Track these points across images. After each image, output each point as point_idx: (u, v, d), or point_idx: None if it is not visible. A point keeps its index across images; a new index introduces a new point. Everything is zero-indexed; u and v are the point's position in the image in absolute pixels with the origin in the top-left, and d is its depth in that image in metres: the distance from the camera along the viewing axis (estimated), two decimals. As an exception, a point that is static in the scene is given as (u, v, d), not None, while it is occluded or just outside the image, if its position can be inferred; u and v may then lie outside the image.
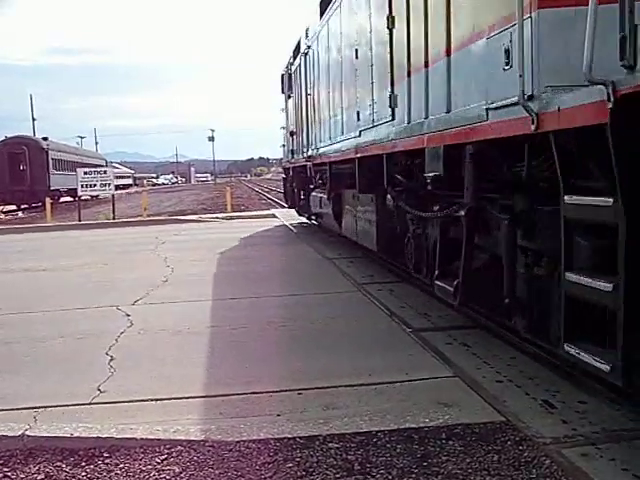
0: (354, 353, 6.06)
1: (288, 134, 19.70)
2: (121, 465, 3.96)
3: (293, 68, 18.18)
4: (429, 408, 4.62)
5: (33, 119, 72.43)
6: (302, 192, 18.51)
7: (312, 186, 15.94)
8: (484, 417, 4.45)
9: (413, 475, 3.72)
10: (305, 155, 15.64)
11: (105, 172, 28.25)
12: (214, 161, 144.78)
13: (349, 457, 3.97)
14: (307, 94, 15.29)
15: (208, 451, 4.10)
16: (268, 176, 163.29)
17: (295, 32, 18.51)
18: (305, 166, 16.28)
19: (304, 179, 17.42)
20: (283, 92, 20.50)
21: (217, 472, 3.83)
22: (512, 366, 5.50)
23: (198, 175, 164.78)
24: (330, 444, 4.15)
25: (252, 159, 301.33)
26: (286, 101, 20.28)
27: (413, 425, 4.37)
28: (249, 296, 8.97)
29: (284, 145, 21.74)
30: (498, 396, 4.81)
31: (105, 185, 26.79)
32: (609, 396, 4.63)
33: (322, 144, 13.36)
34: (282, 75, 20.55)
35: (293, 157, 18.66)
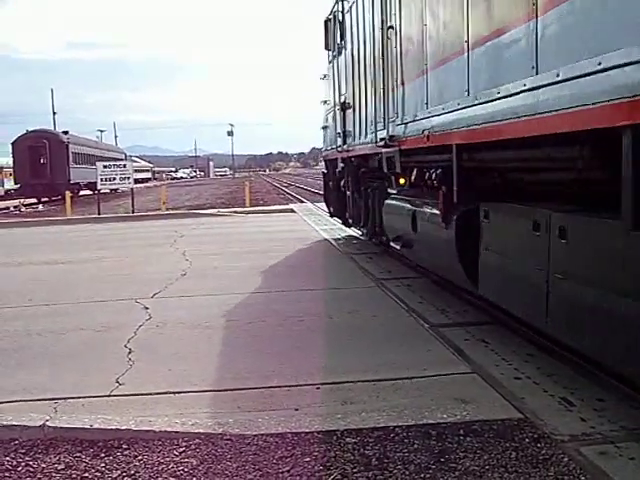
0: (372, 348, 6.07)
1: (336, 109, 13.57)
2: (140, 457, 3.99)
3: (347, 4, 11.96)
4: (447, 404, 4.61)
5: (54, 113, 73.01)
6: (358, 195, 12.72)
7: (390, 189, 9.67)
8: (502, 414, 4.43)
9: (430, 471, 3.71)
10: (381, 136, 9.17)
11: (124, 166, 28.37)
12: (233, 155, 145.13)
13: (367, 452, 3.97)
14: (388, 29, 8.80)
15: (226, 444, 4.12)
16: (287, 171, 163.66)
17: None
18: (374, 155, 10.51)
19: (368, 176, 11.81)
20: (327, 47, 14.37)
21: (235, 465, 3.85)
22: (530, 363, 5.47)
23: (217, 169, 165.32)
24: (348, 439, 4.15)
25: (271, 154, 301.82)
26: (333, 61, 14.05)
27: (431, 421, 4.36)
28: (268, 290, 8.99)
29: (325, 127, 15.94)
30: (516, 393, 4.79)
31: (124, 179, 26.91)
32: (628, 394, 4.59)
33: (431, 112, 7.13)
34: (326, 22, 13.98)
35: (346, 143, 12.58)
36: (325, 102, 15.61)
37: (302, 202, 32.19)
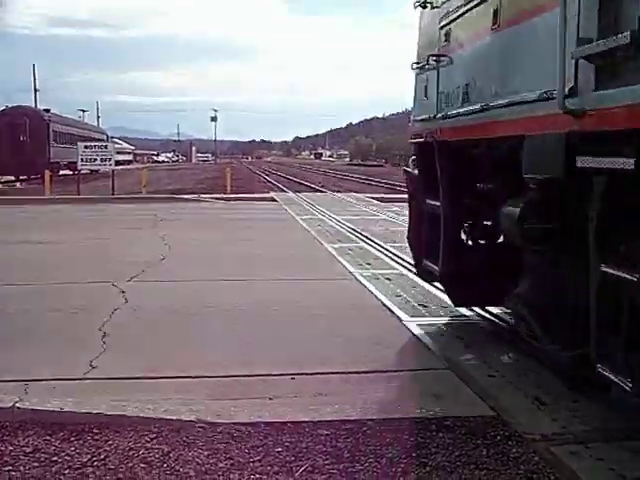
0: (349, 341, 6.06)
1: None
2: (110, 442, 3.95)
3: None
4: (420, 399, 4.62)
5: (35, 90, 72.16)
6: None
7: None
8: (475, 411, 4.44)
9: (401, 465, 3.71)
10: None
11: (106, 147, 28.19)
12: (215, 141, 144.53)
13: (338, 444, 3.97)
14: None
15: (198, 432, 4.10)
16: (269, 159, 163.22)
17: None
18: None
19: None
20: None
21: (206, 453, 3.83)
22: (505, 361, 5.50)
23: (199, 155, 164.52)
24: (320, 430, 4.14)
25: (254, 141, 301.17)
26: None
27: (403, 415, 4.37)
28: (246, 278, 8.95)
29: (422, 88, 6.74)
30: (490, 391, 4.81)
31: (105, 160, 26.73)
32: (601, 395, 4.62)
33: None
34: None
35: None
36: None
37: (283, 191, 32.13)
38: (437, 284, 7.18)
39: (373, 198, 25.85)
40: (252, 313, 7.04)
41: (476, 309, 6.86)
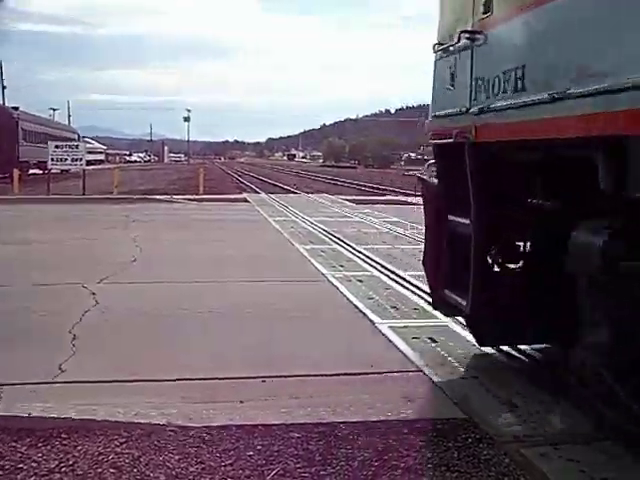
0: (321, 343, 6.05)
1: None
2: (79, 447, 3.90)
3: None
4: (392, 402, 4.62)
5: (3, 87, 71.04)
6: None
7: None
8: (446, 413, 4.46)
9: (373, 468, 3.71)
10: None
11: (77, 147, 27.95)
12: (188, 141, 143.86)
13: (310, 447, 3.96)
14: None
15: (169, 436, 4.06)
16: (242, 160, 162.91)
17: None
18: None
19: None
20: None
21: (177, 457, 3.79)
22: (477, 364, 5.52)
23: (172, 155, 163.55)
24: (292, 433, 4.13)
25: (227, 141, 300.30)
26: None
27: (375, 418, 4.37)
28: (218, 280, 8.91)
29: (446, 75, 5.29)
30: (461, 393, 4.82)
31: (76, 160, 26.50)
32: (571, 398, 4.66)
33: None
34: None
35: None
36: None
37: (256, 192, 32.06)
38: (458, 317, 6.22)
39: (346, 200, 25.89)
40: (223, 315, 7.01)
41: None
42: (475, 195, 4.75)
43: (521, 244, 5.08)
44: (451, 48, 5.15)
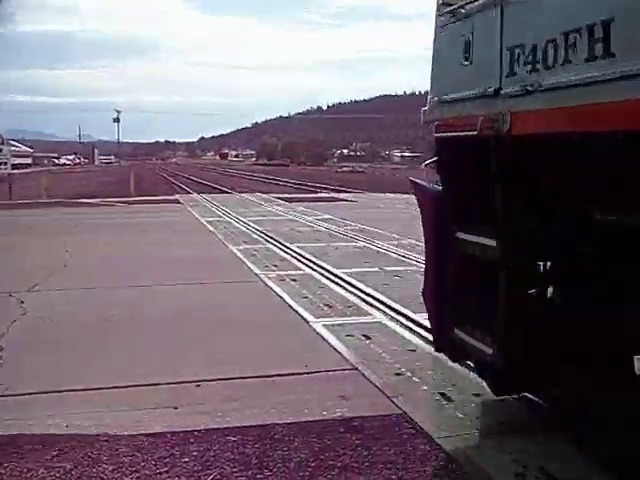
0: (255, 344, 6.03)
1: None
2: (6, 464, 3.77)
3: None
4: (328, 401, 4.63)
5: None
6: None
7: None
8: (382, 410, 4.49)
9: (310, 469, 3.72)
10: None
11: (1, 150, 27.19)
12: (119, 142, 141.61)
13: (246, 451, 3.94)
14: None
15: (102, 446, 3.99)
16: (174, 160, 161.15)
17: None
18: None
19: None
20: None
21: (111, 468, 3.73)
22: (411, 358, 5.57)
23: (102, 157, 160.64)
24: (228, 437, 4.11)
25: (158, 142, 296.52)
26: None
27: (311, 418, 4.37)
28: (150, 283, 8.80)
29: (458, 45, 3.99)
30: (397, 389, 4.86)
31: (1, 164, 25.81)
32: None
33: None
34: None
35: None
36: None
37: (189, 193, 31.75)
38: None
39: (279, 198, 25.89)
40: (155, 318, 6.93)
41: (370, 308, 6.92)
42: (505, 206, 3.62)
43: (572, 272, 3.88)
44: (467, 8, 3.88)
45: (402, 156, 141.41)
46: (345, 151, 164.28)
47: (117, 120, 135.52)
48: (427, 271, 4.51)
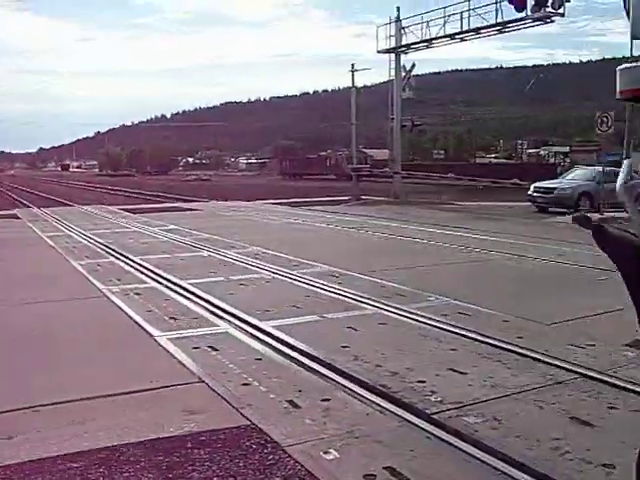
0: (98, 363, 5.81)
1: None
2: None
3: None
4: (174, 417, 4.53)
5: None
6: None
7: None
8: (230, 422, 4.44)
9: (157, 489, 3.62)
10: None
11: None
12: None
13: (90, 476, 3.78)
14: None
15: None
16: (11, 172, 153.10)
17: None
18: None
19: None
20: None
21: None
22: (258, 367, 5.55)
23: None
24: (70, 464, 3.92)
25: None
26: None
27: (157, 436, 4.26)
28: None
29: None
30: (244, 400, 4.82)
31: None
32: (353, 394, 4.83)
33: None
34: None
35: None
36: None
37: (28, 207, 30.30)
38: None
39: (124, 210, 25.18)
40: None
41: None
42: None
43: None
44: None
45: (248, 163, 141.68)
46: (191, 159, 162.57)
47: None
48: None
